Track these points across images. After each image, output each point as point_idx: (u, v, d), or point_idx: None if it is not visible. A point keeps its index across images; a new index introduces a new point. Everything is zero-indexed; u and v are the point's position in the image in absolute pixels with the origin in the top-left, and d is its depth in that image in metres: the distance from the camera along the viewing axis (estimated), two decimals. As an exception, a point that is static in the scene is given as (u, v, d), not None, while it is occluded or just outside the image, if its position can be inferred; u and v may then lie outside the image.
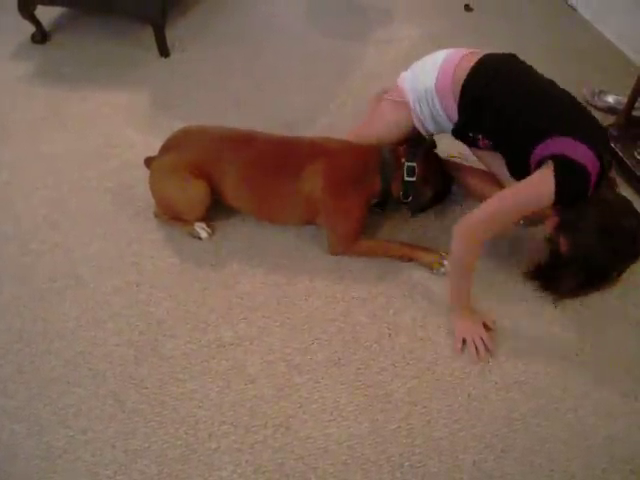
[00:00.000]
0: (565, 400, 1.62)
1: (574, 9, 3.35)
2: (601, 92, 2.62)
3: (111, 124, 2.44)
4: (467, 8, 3.21)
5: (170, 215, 1.98)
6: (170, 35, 2.83)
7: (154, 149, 2.20)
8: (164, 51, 2.79)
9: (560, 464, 1.50)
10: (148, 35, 2.77)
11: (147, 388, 1.60)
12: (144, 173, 2.06)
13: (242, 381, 1.62)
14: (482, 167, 2.01)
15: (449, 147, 2.08)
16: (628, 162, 2.23)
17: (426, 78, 1.80)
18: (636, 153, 2.23)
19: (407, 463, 1.48)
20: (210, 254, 1.92)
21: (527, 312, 1.81)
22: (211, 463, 1.46)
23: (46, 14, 2.95)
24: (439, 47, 1.89)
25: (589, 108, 2.57)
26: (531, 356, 1.71)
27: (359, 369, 1.66)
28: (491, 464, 1.49)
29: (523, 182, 1.61)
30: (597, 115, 2.52)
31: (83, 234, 1.99)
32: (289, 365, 1.66)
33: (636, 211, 1.62)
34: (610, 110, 2.58)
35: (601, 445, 1.54)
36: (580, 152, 1.54)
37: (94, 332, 1.72)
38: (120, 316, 1.76)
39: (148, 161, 1.99)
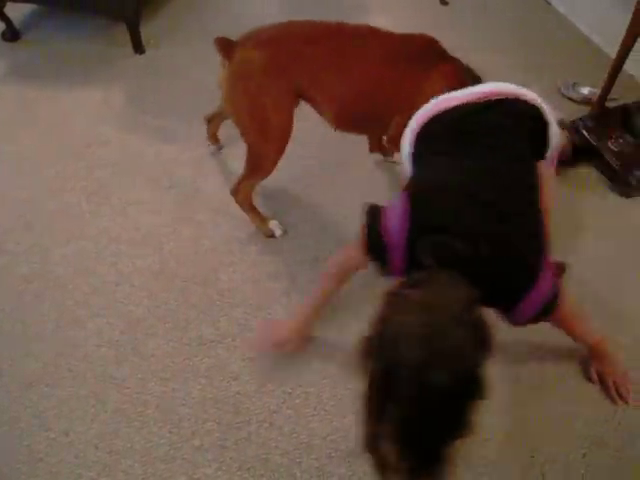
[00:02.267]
0: (545, 383, 1.63)
1: (548, 3, 3.38)
2: (575, 84, 2.65)
3: (85, 122, 2.40)
4: (442, 2, 3.22)
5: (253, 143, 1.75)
6: (144, 32, 2.80)
7: (129, 146, 2.19)
8: (138, 48, 2.76)
9: (541, 450, 1.51)
10: (122, 32, 2.74)
11: (129, 388, 1.59)
12: (119, 170, 2.05)
13: (224, 378, 1.61)
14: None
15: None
16: (602, 152, 2.26)
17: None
18: (610, 143, 2.26)
19: (391, 456, 1.49)
20: (189, 251, 1.91)
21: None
22: (195, 461, 1.46)
23: (17, 12, 2.90)
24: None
25: (565, 100, 2.64)
26: (512, 342, 1.72)
27: (342, 363, 1.66)
28: (474, 453, 1.50)
29: None
30: (572, 107, 2.59)
31: (59, 234, 1.96)
32: (271, 361, 1.65)
33: None
34: (585, 101, 2.61)
35: (581, 430, 1.56)
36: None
37: (73, 333, 1.70)
38: (100, 316, 1.74)
39: (224, 45, 1.74)
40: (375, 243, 1.27)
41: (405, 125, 1.53)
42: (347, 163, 2.23)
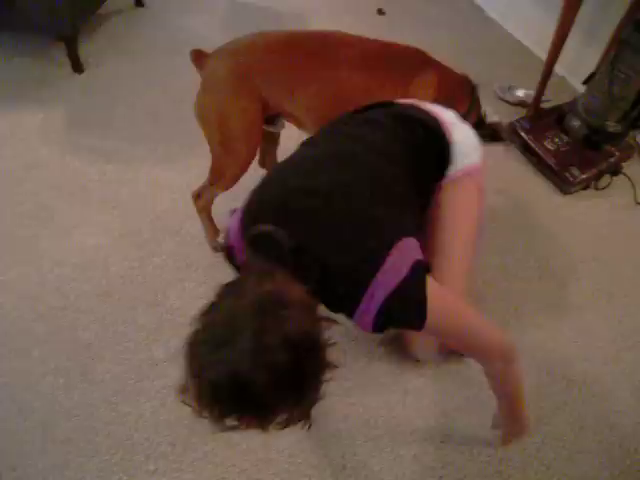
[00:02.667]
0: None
1: (481, 9, 3.49)
2: (511, 87, 2.74)
3: (24, 145, 2.33)
4: (380, 12, 3.28)
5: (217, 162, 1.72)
6: (83, 51, 2.75)
7: (71, 167, 2.14)
8: (78, 67, 2.70)
9: (496, 448, 1.55)
10: (60, 51, 2.68)
11: (78, 416, 1.54)
12: (62, 192, 2.00)
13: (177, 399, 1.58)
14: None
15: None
16: (539, 151, 2.33)
17: None
18: (546, 142, 2.34)
19: (349, 465, 1.49)
20: (137, 271, 1.88)
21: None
22: (150, 486, 1.43)
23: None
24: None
25: (501, 103, 2.72)
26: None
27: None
28: (431, 456, 1.52)
29: None
30: (509, 109, 2.67)
31: (0, 260, 1.90)
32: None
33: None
34: (521, 104, 2.70)
35: (533, 425, 1.59)
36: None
37: (18, 362, 1.64)
38: (45, 343, 1.69)
39: (198, 57, 1.68)
40: (225, 247, 1.32)
41: None
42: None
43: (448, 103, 1.55)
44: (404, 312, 1.14)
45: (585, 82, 2.32)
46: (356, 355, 1.71)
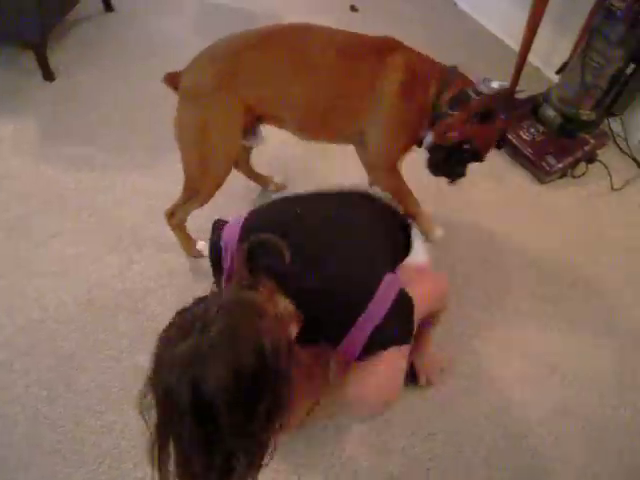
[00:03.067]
0: (481, 377, 1.69)
1: (454, 3, 3.50)
2: (485, 79, 2.73)
3: (-4, 156, 2.31)
4: (353, 9, 3.28)
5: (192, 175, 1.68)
6: (54, 58, 2.71)
7: (46, 177, 2.12)
8: (48, 75, 2.66)
9: (484, 439, 1.56)
10: (30, 59, 2.64)
11: (63, 427, 1.52)
12: (37, 202, 1.98)
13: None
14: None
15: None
16: (515, 141, 2.35)
17: None
18: (521, 132, 2.36)
19: (338, 462, 1.49)
20: (116, 279, 1.86)
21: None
22: (139, 493, 1.42)
23: None
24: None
25: (477, 95, 2.73)
26: (444, 339, 1.76)
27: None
28: (419, 449, 1.53)
29: None
30: (483, 101, 2.68)
31: (-22, 274, 1.87)
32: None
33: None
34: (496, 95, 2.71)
35: (519, 413, 1.62)
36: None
37: (1, 376, 1.63)
38: (27, 355, 1.66)
39: (171, 79, 1.62)
40: (212, 249, 1.35)
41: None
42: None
43: (416, 84, 1.59)
44: (392, 335, 1.20)
45: (558, 72, 2.35)
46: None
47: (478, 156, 1.68)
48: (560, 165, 2.27)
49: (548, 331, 1.81)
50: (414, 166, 1.78)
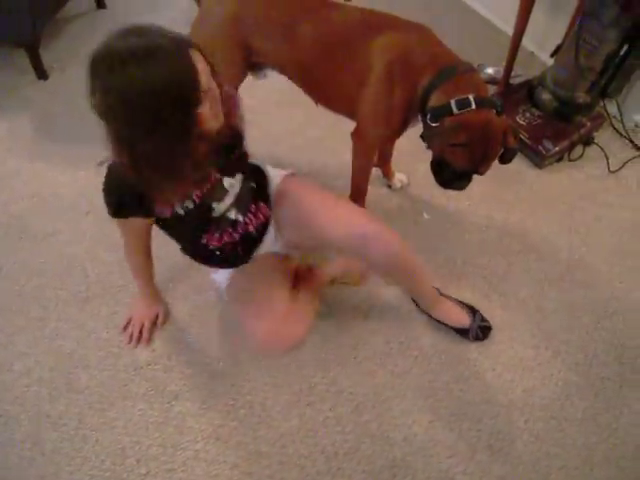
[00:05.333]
0: (482, 362, 1.69)
1: (447, -11, 3.48)
2: (479, 65, 2.73)
3: (-9, 156, 2.30)
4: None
5: None
6: (47, 56, 2.70)
7: (42, 176, 2.11)
8: (41, 73, 2.66)
9: (485, 423, 1.56)
10: (22, 58, 2.63)
11: (66, 425, 1.53)
12: (35, 201, 1.97)
13: (165, 399, 1.58)
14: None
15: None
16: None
17: None
18: (518, 117, 2.35)
19: (341, 451, 1.50)
20: (115, 276, 1.86)
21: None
22: (143, 489, 1.42)
23: None
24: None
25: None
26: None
27: (279, 368, 1.66)
28: (421, 436, 1.53)
29: None
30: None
31: (-24, 276, 1.87)
32: (210, 375, 1.63)
33: None
34: (491, 81, 2.69)
35: (521, 398, 1.62)
36: None
37: (0, 376, 1.63)
38: (27, 355, 1.67)
39: None
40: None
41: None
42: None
43: (406, 70, 1.53)
44: None
45: (553, 55, 2.33)
46: (340, 343, 1.71)
47: (467, 175, 1.61)
48: (557, 149, 2.26)
49: (549, 315, 1.81)
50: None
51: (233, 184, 1.34)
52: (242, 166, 1.38)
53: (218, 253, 1.42)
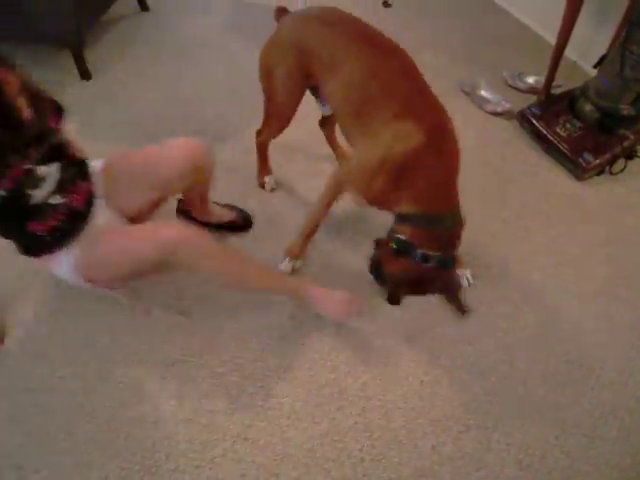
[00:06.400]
0: (513, 375, 1.67)
1: (489, -4, 3.46)
2: (520, 74, 2.71)
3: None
4: (385, 4, 3.26)
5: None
6: (91, 57, 2.77)
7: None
8: (85, 74, 2.72)
9: (515, 437, 1.54)
10: (67, 58, 2.70)
11: (98, 418, 1.55)
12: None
13: (196, 397, 1.60)
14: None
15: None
16: (551, 138, 2.31)
17: None
18: (558, 128, 2.31)
19: (368, 457, 1.49)
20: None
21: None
22: (171, 484, 1.44)
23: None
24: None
25: (511, 90, 2.69)
26: (477, 337, 1.74)
27: (311, 371, 1.67)
28: (450, 447, 1.52)
29: None
30: (519, 96, 2.64)
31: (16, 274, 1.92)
32: (241, 375, 1.65)
33: None
34: (531, 90, 2.67)
35: (552, 413, 1.59)
36: None
37: (36, 367, 1.66)
38: (61, 348, 1.70)
39: (279, 14, 1.87)
40: None
41: None
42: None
43: (403, 173, 1.48)
44: None
45: (596, 65, 2.29)
46: (372, 350, 1.72)
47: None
48: (598, 161, 2.22)
49: (587, 334, 1.77)
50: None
51: (50, 172, 1.40)
52: (58, 156, 1.44)
53: (49, 238, 1.46)
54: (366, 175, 1.55)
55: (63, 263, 1.53)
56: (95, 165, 1.65)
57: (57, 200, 1.43)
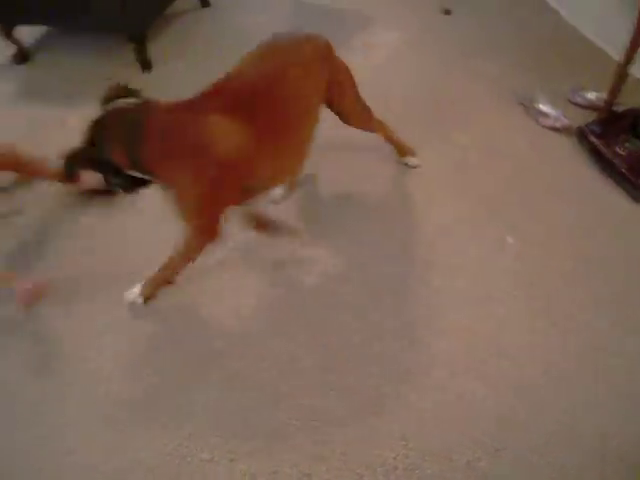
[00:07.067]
0: (554, 395, 1.62)
1: (552, 8, 3.38)
2: (582, 90, 2.64)
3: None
4: (445, 12, 3.23)
5: None
6: (152, 49, 2.84)
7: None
8: (146, 66, 2.79)
9: (550, 461, 1.50)
10: (130, 50, 2.77)
11: (137, 404, 1.60)
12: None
13: (237, 390, 1.62)
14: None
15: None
16: (610, 156, 2.24)
17: None
18: (617, 148, 2.25)
19: (401, 466, 1.48)
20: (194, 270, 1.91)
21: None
22: (205, 474, 1.46)
23: (27, 33, 2.96)
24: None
25: (571, 106, 2.63)
26: (516, 354, 1.71)
27: (348, 374, 1.66)
28: (485, 464, 1.49)
29: None
30: (578, 112, 2.57)
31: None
32: (280, 372, 1.66)
33: None
34: (592, 107, 2.59)
35: (595, 440, 1.54)
36: None
37: (87, 352, 1.73)
38: (105, 334, 1.77)
39: None
40: None
41: None
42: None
43: None
44: None
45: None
46: (411, 358, 1.71)
47: None
48: (657, 184, 2.14)
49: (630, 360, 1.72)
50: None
51: None
52: None
53: None
54: (205, 207, 1.61)
55: None
56: None
57: None
